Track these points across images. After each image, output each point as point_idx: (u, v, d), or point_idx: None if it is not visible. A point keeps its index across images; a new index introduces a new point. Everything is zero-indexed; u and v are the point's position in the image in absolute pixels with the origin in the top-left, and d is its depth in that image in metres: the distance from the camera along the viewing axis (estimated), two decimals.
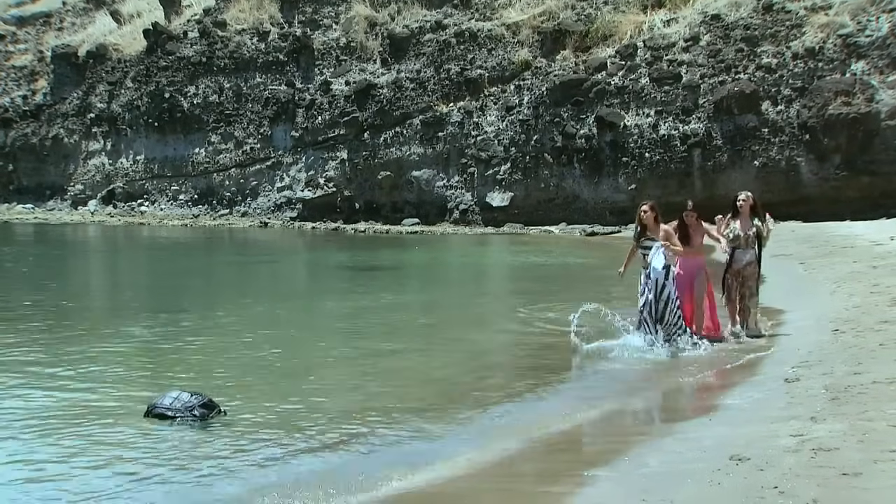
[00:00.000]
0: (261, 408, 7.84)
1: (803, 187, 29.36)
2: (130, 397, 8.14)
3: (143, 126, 39.73)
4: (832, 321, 10.88)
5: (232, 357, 10.16)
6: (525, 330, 12.04)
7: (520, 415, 7.80)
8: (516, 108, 33.38)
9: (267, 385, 8.76)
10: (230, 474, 6.18)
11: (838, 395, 7.32)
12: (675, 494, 5.45)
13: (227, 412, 7.43)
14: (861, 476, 5.30)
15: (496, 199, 32.87)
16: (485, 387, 8.87)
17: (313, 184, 36.07)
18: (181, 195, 38.74)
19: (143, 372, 9.47)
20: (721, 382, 9.14)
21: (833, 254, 18.43)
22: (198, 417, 7.22)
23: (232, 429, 7.14)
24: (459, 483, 6.15)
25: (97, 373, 9.25)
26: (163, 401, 7.35)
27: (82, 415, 7.56)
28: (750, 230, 11.12)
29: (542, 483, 6.17)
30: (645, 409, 8.52)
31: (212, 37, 39.47)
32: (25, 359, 9.84)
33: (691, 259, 10.95)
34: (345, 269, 21.59)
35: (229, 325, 12.52)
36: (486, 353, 11.04)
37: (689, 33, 32.27)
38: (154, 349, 10.75)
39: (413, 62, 35.84)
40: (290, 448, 6.77)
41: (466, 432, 7.26)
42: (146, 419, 7.27)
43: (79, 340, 11.03)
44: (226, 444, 6.78)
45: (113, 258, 25.92)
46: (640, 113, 31.49)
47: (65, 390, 8.42)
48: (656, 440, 7.04)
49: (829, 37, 30.11)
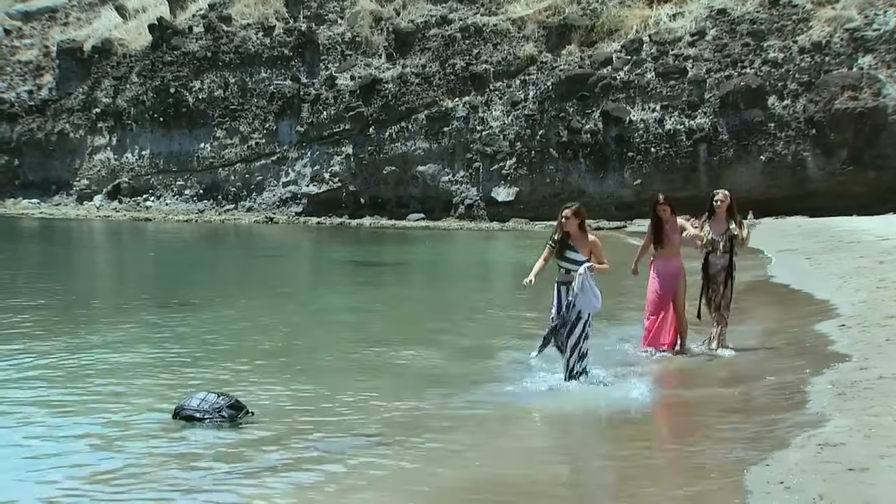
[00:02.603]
0: (288, 407, 7.70)
1: (809, 182, 29.29)
2: (153, 397, 7.98)
3: (148, 121, 39.77)
4: (838, 316, 10.83)
5: (248, 356, 9.99)
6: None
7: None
8: (522, 103, 33.34)
9: (289, 384, 8.55)
10: (270, 474, 6.05)
11: (845, 390, 7.30)
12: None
13: (254, 413, 7.29)
14: (868, 471, 5.28)
15: (501, 194, 32.85)
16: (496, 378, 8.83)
17: (318, 179, 36.08)
18: (186, 190, 38.78)
19: (162, 372, 9.28)
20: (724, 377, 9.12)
21: (839, 249, 18.35)
22: (226, 418, 7.06)
23: (262, 429, 7.02)
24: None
25: (120, 372, 9.10)
26: (190, 402, 7.18)
27: (107, 416, 7.42)
28: (725, 233, 9.86)
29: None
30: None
31: (217, 32, 39.47)
32: (39, 363, 9.72)
33: (669, 262, 9.73)
34: (352, 264, 21.59)
35: (242, 323, 12.34)
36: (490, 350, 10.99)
37: (695, 28, 32.19)
38: (168, 349, 10.56)
39: (418, 57, 35.80)
40: (324, 446, 6.65)
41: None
42: (174, 421, 7.12)
43: (91, 341, 10.93)
44: (260, 445, 6.64)
45: (120, 254, 25.94)
46: (646, 108, 31.43)
47: (83, 391, 8.24)
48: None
49: (835, 31, 30.01)
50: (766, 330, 11.27)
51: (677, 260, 9.79)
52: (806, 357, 9.13)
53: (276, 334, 11.49)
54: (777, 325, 11.43)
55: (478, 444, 6.67)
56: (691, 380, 9.00)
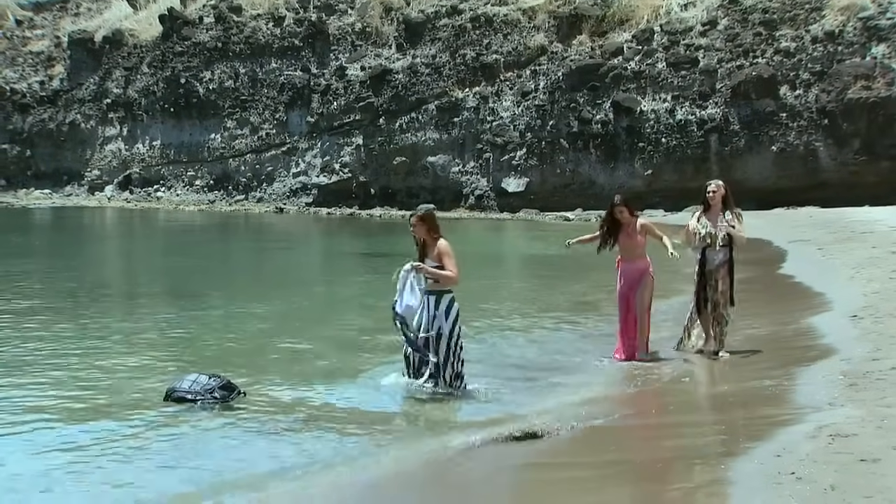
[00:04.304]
0: (280, 390, 7.86)
1: (822, 172, 29.14)
2: (147, 380, 8.13)
3: (159, 111, 39.83)
4: (850, 307, 10.78)
5: (247, 340, 10.20)
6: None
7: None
8: (532, 94, 33.24)
9: (283, 367, 8.78)
10: (258, 454, 6.20)
11: (856, 380, 7.27)
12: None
13: (246, 393, 7.41)
14: (880, 462, 5.26)
15: (512, 184, 32.78)
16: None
17: (329, 169, 36.09)
18: (197, 181, 38.84)
19: (159, 355, 9.50)
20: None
21: (851, 239, 18.27)
22: (218, 399, 7.16)
23: (253, 410, 7.15)
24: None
25: (115, 354, 9.30)
26: (181, 384, 7.28)
27: (102, 399, 7.55)
28: (722, 226, 9.24)
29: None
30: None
31: (227, 22, 39.47)
32: (39, 346, 9.89)
33: (632, 264, 9.28)
34: (360, 255, 21.62)
35: (245, 309, 12.55)
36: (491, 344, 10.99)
37: (707, 17, 32.02)
38: (169, 333, 10.80)
39: (428, 47, 35.72)
40: (311, 427, 6.81)
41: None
42: (165, 402, 7.24)
43: (97, 325, 11.09)
44: (249, 425, 6.79)
45: (130, 244, 26.04)
46: (657, 98, 31.30)
47: (81, 375, 8.44)
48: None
49: (849, 20, 29.81)
50: (775, 320, 11.24)
51: (643, 261, 9.31)
52: (817, 348, 9.10)
53: (278, 322, 11.59)
54: (788, 316, 11.38)
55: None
56: (697, 374, 8.98)
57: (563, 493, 5.64)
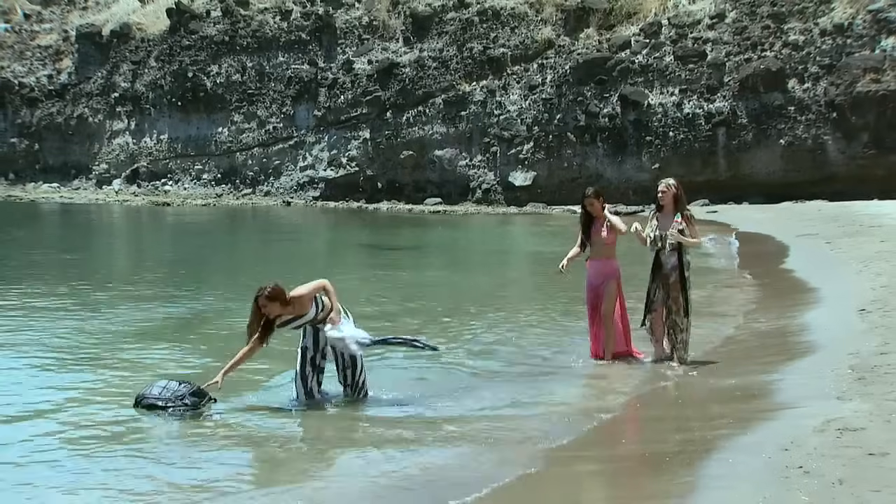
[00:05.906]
0: (255, 393, 7.67)
1: (830, 166, 29.04)
2: (115, 387, 7.90)
3: (166, 105, 39.86)
4: (859, 301, 10.75)
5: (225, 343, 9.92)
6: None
7: None
8: (539, 87, 33.19)
9: (259, 370, 8.34)
10: (227, 461, 6.07)
11: (864, 374, 7.26)
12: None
13: (217, 400, 7.17)
14: (888, 456, 5.26)
15: (519, 178, 32.76)
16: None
17: (336, 163, 36.10)
18: (204, 174, 38.89)
19: (126, 359, 9.17)
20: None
21: (860, 233, 18.22)
22: (189, 406, 6.94)
23: (224, 417, 6.97)
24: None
25: (84, 360, 9.10)
26: (151, 391, 7.03)
27: (73, 401, 7.42)
28: (672, 231, 8.70)
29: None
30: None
31: (234, 16, 39.47)
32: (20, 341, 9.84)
33: (600, 263, 8.88)
34: (366, 248, 21.63)
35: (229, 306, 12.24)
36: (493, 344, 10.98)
37: (715, 10, 31.90)
38: (152, 333, 10.55)
39: (436, 41, 35.68)
40: (284, 433, 6.74)
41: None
42: (136, 410, 7.01)
43: (81, 323, 11.00)
44: (220, 432, 6.63)
45: (137, 238, 26.08)
46: (665, 91, 31.22)
47: (56, 376, 8.37)
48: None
49: (858, 12, 29.66)
50: (782, 314, 11.22)
51: (611, 261, 8.88)
52: (824, 342, 9.08)
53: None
54: (795, 310, 11.36)
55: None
56: (704, 368, 8.96)
57: (571, 488, 5.65)
